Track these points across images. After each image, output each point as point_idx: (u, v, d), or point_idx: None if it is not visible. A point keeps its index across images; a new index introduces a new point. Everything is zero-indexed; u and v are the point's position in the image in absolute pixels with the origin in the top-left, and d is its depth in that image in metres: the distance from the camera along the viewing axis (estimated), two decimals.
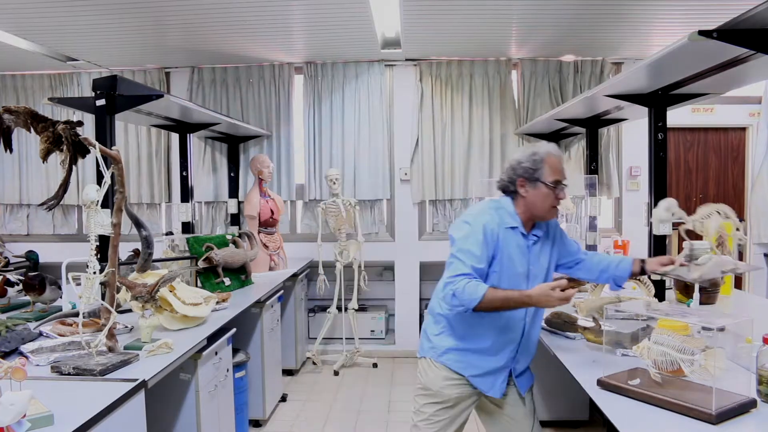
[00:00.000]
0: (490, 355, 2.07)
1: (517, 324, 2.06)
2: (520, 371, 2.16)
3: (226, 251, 3.57)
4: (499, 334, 2.05)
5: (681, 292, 2.87)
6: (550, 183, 2.00)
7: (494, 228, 1.98)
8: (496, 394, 2.12)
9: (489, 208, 2.07)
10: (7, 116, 2.50)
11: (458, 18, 3.99)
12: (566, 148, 5.17)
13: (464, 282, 1.88)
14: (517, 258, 2.02)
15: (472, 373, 2.09)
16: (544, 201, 2.02)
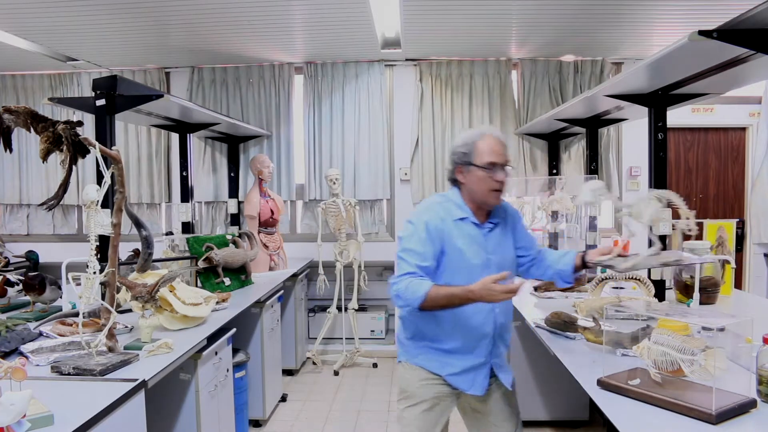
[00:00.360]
0: (465, 353, 2.01)
1: (488, 316, 2.00)
2: (500, 365, 2.10)
3: (226, 251, 3.57)
4: (471, 330, 1.99)
5: (681, 292, 2.87)
6: (482, 165, 1.94)
7: (438, 223, 1.94)
8: (479, 392, 2.06)
9: (434, 203, 2.04)
10: (7, 116, 2.50)
11: (458, 18, 3.99)
12: (566, 148, 5.17)
13: (407, 281, 1.85)
14: (471, 249, 1.96)
15: (450, 372, 2.03)
16: (481, 185, 1.96)
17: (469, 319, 1.97)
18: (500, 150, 1.97)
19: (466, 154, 1.97)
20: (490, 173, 1.94)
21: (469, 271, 1.93)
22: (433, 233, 1.93)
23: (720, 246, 3.12)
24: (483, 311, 1.97)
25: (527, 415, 3.53)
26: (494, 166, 1.95)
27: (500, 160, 1.96)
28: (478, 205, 2.01)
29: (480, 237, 1.99)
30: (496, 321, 2.02)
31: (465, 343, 2.00)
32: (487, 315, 2.00)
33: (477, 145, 1.96)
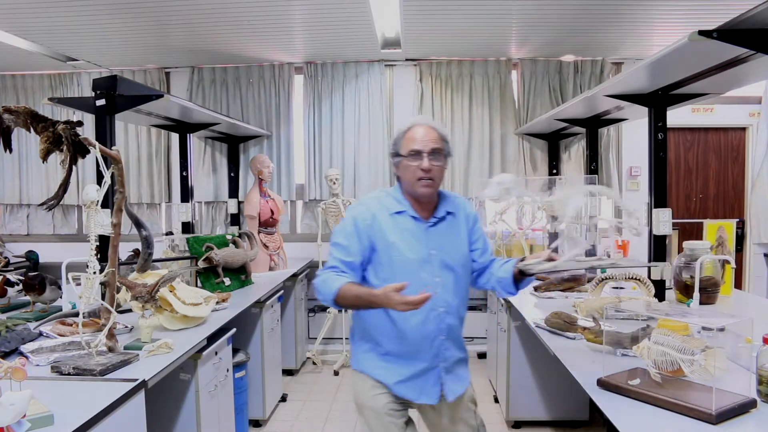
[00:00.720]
0: (407, 357, 1.90)
1: (428, 316, 1.88)
2: (449, 370, 1.95)
3: (226, 251, 3.57)
4: (409, 331, 1.88)
5: (681, 292, 2.87)
6: (406, 154, 1.88)
7: (367, 218, 1.88)
8: (430, 400, 1.93)
9: (371, 197, 1.98)
10: (7, 116, 2.50)
11: (458, 18, 3.99)
12: (566, 148, 5.17)
13: (326, 276, 1.81)
14: (407, 243, 1.87)
15: (395, 380, 1.92)
16: (407, 174, 1.89)
17: (406, 319, 1.86)
18: (426, 137, 1.88)
19: (395, 146, 1.93)
20: (413, 161, 1.87)
21: (406, 266, 1.86)
22: (361, 229, 1.87)
23: (720, 246, 3.12)
24: (422, 310, 1.81)
25: (527, 415, 3.54)
26: (417, 154, 1.87)
27: (425, 147, 1.87)
28: (415, 198, 1.92)
29: (419, 231, 1.91)
30: (440, 321, 1.90)
31: (404, 346, 1.90)
32: (428, 314, 1.87)
33: (404, 135, 1.91)
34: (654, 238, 2.88)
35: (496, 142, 5.13)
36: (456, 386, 1.98)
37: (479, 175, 5.09)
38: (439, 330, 1.91)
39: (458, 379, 1.99)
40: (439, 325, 1.90)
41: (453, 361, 1.97)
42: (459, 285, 1.95)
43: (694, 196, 5.38)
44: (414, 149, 1.87)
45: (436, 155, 1.88)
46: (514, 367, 3.49)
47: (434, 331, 1.90)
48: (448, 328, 1.92)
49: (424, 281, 1.85)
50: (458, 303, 1.95)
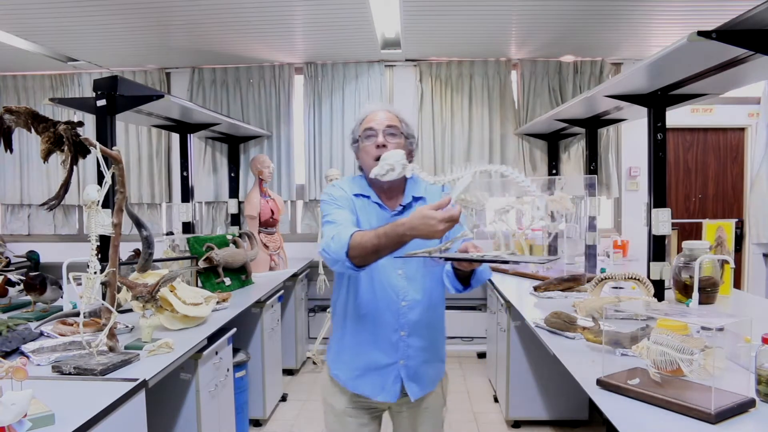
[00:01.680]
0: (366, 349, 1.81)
1: (388, 307, 1.78)
2: (413, 369, 1.83)
3: (226, 251, 3.58)
4: (371, 320, 1.79)
5: (680, 291, 2.87)
6: (361, 135, 1.84)
7: (343, 194, 1.82)
8: (390, 398, 1.83)
9: (339, 180, 1.93)
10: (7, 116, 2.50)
11: (458, 18, 3.99)
12: (566, 148, 5.18)
13: (331, 235, 1.64)
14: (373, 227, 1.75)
15: (351, 375, 1.84)
16: (364, 156, 1.83)
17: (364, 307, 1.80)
18: (381, 117, 1.83)
19: (353, 134, 1.89)
20: (368, 141, 1.81)
21: None
22: (341, 199, 1.81)
23: (719, 246, 3.13)
24: (383, 300, 1.76)
25: (527, 414, 3.54)
26: (371, 131, 1.81)
27: (379, 125, 1.81)
28: (379, 185, 1.83)
29: (383, 219, 1.79)
30: (401, 316, 1.79)
31: (362, 336, 1.81)
32: (387, 306, 1.78)
33: (361, 121, 1.87)
34: (653, 238, 2.89)
35: (496, 143, 5.14)
36: (416, 388, 1.85)
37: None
38: (400, 325, 1.80)
39: (422, 381, 1.87)
40: (399, 320, 1.79)
41: (418, 361, 1.84)
42: (426, 279, 1.83)
43: (693, 197, 5.38)
44: (368, 127, 1.83)
45: (392, 133, 1.82)
46: (513, 367, 3.49)
47: (394, 325, 1.79)
48: (412, 325, 1.81)
49: (386, 271, 1.78)
50: (425, 299, 1.82)
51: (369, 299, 1.80)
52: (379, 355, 1.82)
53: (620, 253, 4.80)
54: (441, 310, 1.92)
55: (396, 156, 1.63)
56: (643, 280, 2.63)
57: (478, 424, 3.71)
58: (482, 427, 3.66)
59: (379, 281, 1.79)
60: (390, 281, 1.80)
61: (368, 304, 1.80)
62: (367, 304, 1.80)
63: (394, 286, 1.80)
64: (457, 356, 5.11)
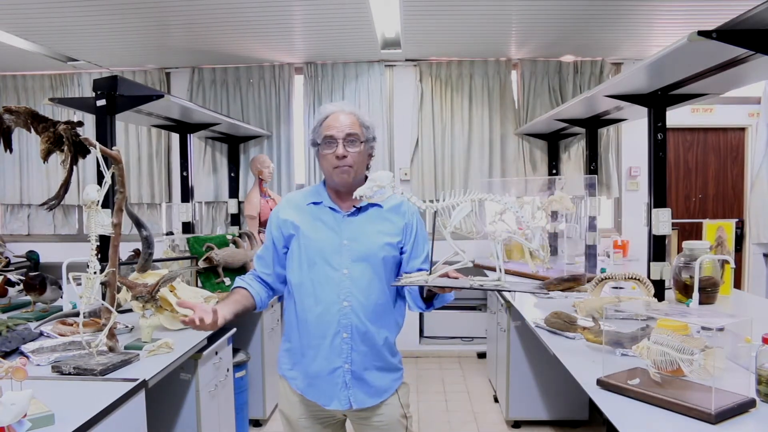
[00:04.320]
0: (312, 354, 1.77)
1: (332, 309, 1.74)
2: (356, 375, 1.77)
3: (226, 251, 3.58)
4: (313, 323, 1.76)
5: (680, 291, 2.87)
6: (321, 141, 1.80)
7: (284, 212, 1.85)
8: (342, 406, 1.77)
9: (300, 190, 1.96)
10: (7, 116, 2.50)
11: (458, 18, 3.99)
12: (566, 148, 5.18)
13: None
14: (317, 232, 1.78)
15: (305, 382, 1.79)
16: (323, 163, 1.82)
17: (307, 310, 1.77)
18: (341, 123, 1.79)
19: (315, 134, 1.86)
20: (327, 148, 1.79)
21: (313, 255, 1.77)
22: (275, 222, 1.86)
23: (719, 246, 3.13)
24: (323, 302, 1.74)
25: (527, 414, 3.54)
26: (332, 140, 1.78)
27: (339, 133, 1.78)
28: (335, 189, 1.83)
29: (334, 222, 1.79)
30: (343, 317, 1.74)
31: (306, 340, 1.78)
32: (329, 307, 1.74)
33: (321, 123, 1.84)
34: (654, 238, 2.89)
35: (496, 143, 5.13)
36: (364, 396, 1.78)
37: (479, 175, 5.09)
38: (341, 326, 1.74)
39: (369, 388, 1.79)
40: (341, 321, 1.74)
41: (363, 366, 1.77)
42: (374, 282, 1.77)
43: (693, 196, 5.38)
44: (328, 135, 1.79)
45: (352, 141, 1.78)
46: (513, 367, 3.49)
47: (335, 326, 1.74)
48: (354, 327, 1.75)
49: (329, 272, 1.75)
50: (370, 302, 1.76)
51: (312, 300, 1.76)
52: (325, 359, 1.76)
53: (620, 253, 4.80)
54: (390, 315, 1.83)
55: (385, 178, 1.59)
56: (643, 280, 2.63)
57: (478, 424, 3.70)
58: (482, 427, 3.66)
59: (321, 280, 1.76)
60: (332, 279, 1.75)
61: (312, 305, 1.76)
62: (311, 305, 1.76)
63: (336, 285, 1.75)
64: (457, 356, 5.11)
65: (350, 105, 1.89)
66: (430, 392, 4.29)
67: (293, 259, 1.81)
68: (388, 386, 1.84)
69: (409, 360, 4.94)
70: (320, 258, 1.76)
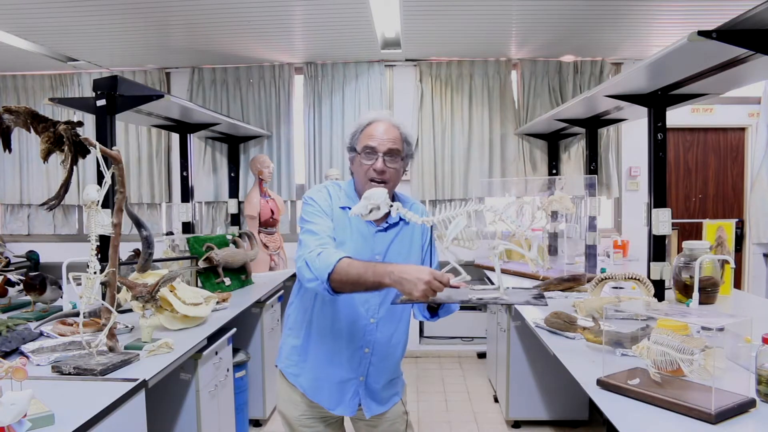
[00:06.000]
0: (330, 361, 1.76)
1: (359, 323, 1.74)
2: (369, 387, 1.80)
3: (226, 251, 3.58)
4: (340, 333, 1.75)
5: (680, 291, 2.87)
6: (360, 150, 1.74)
7: (326, 202, 1.77)
8: (347, 412, 1.80)
9: (325, 186, 1.85)
10: (7, 116, 2.50)
11: (458, 18, 3.99)
12: (566, 148, 5.18)
13: (318, 250, 1.60)
14: (356, 244, 1.73)
15: (312, 384, 1.78)
16: (360, 172, 1.75)
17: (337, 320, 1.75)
18: (384, 135, 1.73)
19: (351, 139, 1.79)
20: (366, 159, 1.73)
21: None
22: (325, 208, 1.75)
23: (719, 246, 3.13)
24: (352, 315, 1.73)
25: (527, 414, 3.54)
26: (372, 152, 1.72)
27: (381, 146, 1.72)
28: None
29: (367, 233, 1.75)
30: (368, 333, 1.76)
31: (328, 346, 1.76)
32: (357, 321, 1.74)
33: (363, 130, 1.76)
34: (654, 238, 2.89)
35: (496, 143, 5.13)
36: (375, 405, 1.83)
37: (479, 175, 5.10)
38: (365, 341, 1.76)
39: (379, 399, 1.85)
40: (365, 336, 1.76)
41: (378, 378, 1.81)
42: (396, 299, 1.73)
43: (693, 196, 5.38)
44: (369, 146, 1.73)
45: (392, 156, 1.74)
46: (513, 367, 3.49)
47: (359, 341, 1.76)
48: (376, 342, 1.77)
49: None
50: (394, 320, 1.79)
51: (338, 313, 1.74)
52: (341, 369, 1.77)
53: (620, 253, 4.80)
54: (405, 329, 1.87)
55: (380, 195, 1.57)
56: (643, 280, 2.63)
57: (478, 424, 3.70)
58: (482, 427, 3.66)
59: (351, 296, 1.71)
60: (362, 297, 1.73)
61: (337, 317, 1.74)
62: (335, 317, 1.74)
63: (365, 302, 1.75)
64: (457, 356, 5.11)
65: (394, 116, 1.82)
66: (430, 392, 4.29)
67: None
68: (396, 393, 1.91)
69: (409, 360, 4.94)
70: None
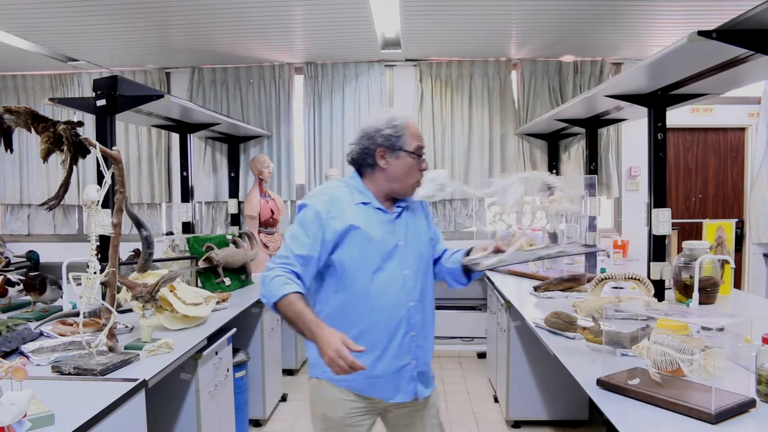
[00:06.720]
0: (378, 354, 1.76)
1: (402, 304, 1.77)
2: (419, 368, 1.84)
3: (226, 251, 3.58)
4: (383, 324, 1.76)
5: (680, 291, 2.87)
6: (413, 150, 1.78)
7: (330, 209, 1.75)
8: (406, 398, 1.82)
9: (330, 187, 1.86)
10: (7, 116, 2.50)
11: (458, 18, 3.99)
12: (566, 148, 5.18)
13: (276, 273, 1.64)
14: (382, 235, 1.76)
15: (366, 382, 1.78)
16: (408, 173, 1.79)
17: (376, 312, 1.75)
18: (422, 136, 1.86)
19: (396, 137, 1.77)
20: (416, 159, 1.79)
21: (378, 256, 1.74)
22: (324, 220, 1.72)
23: (719, 246, 3.13)
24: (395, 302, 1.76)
25: (527, 414, 3.54)
26: (422, 151, 1.81)
27: (424, 145, 1.83)
28: (387, 192, 1.82)
29: (387, 223, 1.80)
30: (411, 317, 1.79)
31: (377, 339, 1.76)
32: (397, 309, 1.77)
33: (407, 128, 1.79)
34: (654, 238, 2.89)
35: (496, 143, 5.13)
36: (425, 387, 1.87)
37: (479, 175, 5.10)
38: (410, 326, 1.79)
39: (428, 379, 1.90)
40: (410, 321, 1.79)
41: (424, 360, 1.86)
42: (426, 279, 1.86)
43: (693, 196, 5.38)
44: (421, 146, 1.81)
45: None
46: (513, 367, 3.49)
47: (405, 327, 1.78)
48: (420, 325, 1.82)
49: (394, 273, 1.76)
50: (427, 298, 1.85)
51: (380, 302, 1.76)
52: (392, 359, 1.79)
53: (620, 253, 4.80)
54: (433, 308, 1.92)
55: (444, 175, 1.68)
56: (643, 280, 2.63)
57: (478, 424, 3.70)
58: (482, 427, 3.66)
59: (388, 282, 1.75)
60: (398, 280, 1.77)
61: (381, 306, 1.76)
62: (379, 307, 1.76)
63: (402, 287, 1.78)
64: (457, 356, 5.11)
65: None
66: None
67: (353, 253, 1.74)
68: (432, 375, 1.94)
69: None
70: (385, 260, 1.76)
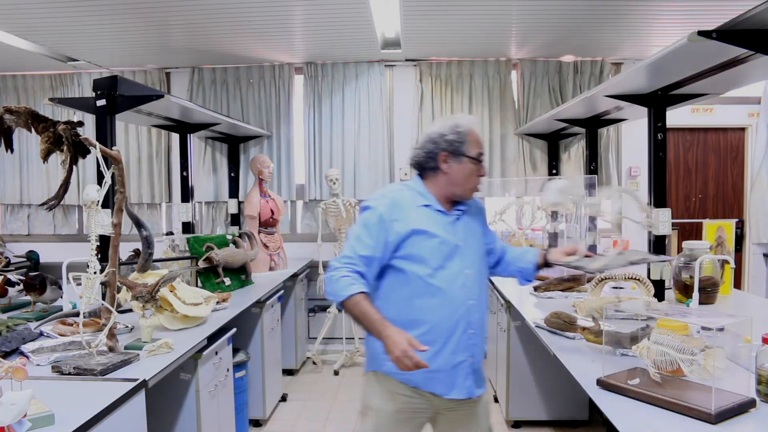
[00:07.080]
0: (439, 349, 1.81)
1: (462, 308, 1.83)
2: (475, 366, 1.90)
3: (226, 251, 3.58)
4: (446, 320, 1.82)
5: (680, 291, 2.87)
6: (474, 156, 1.86)
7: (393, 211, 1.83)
8: (462, 394, 1.86)
9: (394, 190, 1.93)
10: (7, 116, 2.51)
11: (458, 18, 3.99)
12: (566, 148, 5.18)
13: (342, 273, 1.75)
14: (445, 236, 1.84)
15: (425, 375, 1.79)
16: (461, 175, 1.87)
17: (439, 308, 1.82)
18: (482, 143, 1.94)
19: (459, 143, 1.85)
20: (477, 165, 1.88)
21: (443, 255, 1.82)
22: (387, 222, 1.81)
23: (719, 246, 3.13)
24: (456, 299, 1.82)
25: (527, 414, 3.54)
26: (482, 158, 1.90)
27: (484, 152, 1.93)
28: (447, 195, 1.90)
29: (447, 224, 1.88)
30: (470, 315, 1.85)
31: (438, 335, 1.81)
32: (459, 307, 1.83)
33: (470, 134, 1.87)
34: (654, 238, 2.89)
35: (496, 143, 5.13)
36: (478, 387, 1.92)
37: None
38: (469, 323, 1.85)
39: (481, 379, 1.95)
40: (468, 318, 1.85)
41: (479, 357, 1.92)
42: (483, 279, 1.94)
43: (693, 196, 5.38)
44: (481, 152, 1.89)
45: None
46: (513, 367, 3.49)
47: (464, 324, 1.84)
48: (478, 323, 1.88)
49: (457, 272, 1.83)
50: (483, 296, 1.93)
51: (443, 299, 1.82)
52: (450, 354, 1.84)
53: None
54: (488, 308, 2.03)
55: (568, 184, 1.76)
56: (643, 280, 2.63)
57: None
58: None
59: (451, 280, 1.82)
60: (458, 279, 1.83)
61: (442, 303, 1.82)
62: (441, 303, 1.82)
63: (464, 285, 1.84)
64: None
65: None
66: None
67: (415, 253, 1.81)
68: (485, 374, 2.00)
69: None
70: (447, 259, 1.83)
